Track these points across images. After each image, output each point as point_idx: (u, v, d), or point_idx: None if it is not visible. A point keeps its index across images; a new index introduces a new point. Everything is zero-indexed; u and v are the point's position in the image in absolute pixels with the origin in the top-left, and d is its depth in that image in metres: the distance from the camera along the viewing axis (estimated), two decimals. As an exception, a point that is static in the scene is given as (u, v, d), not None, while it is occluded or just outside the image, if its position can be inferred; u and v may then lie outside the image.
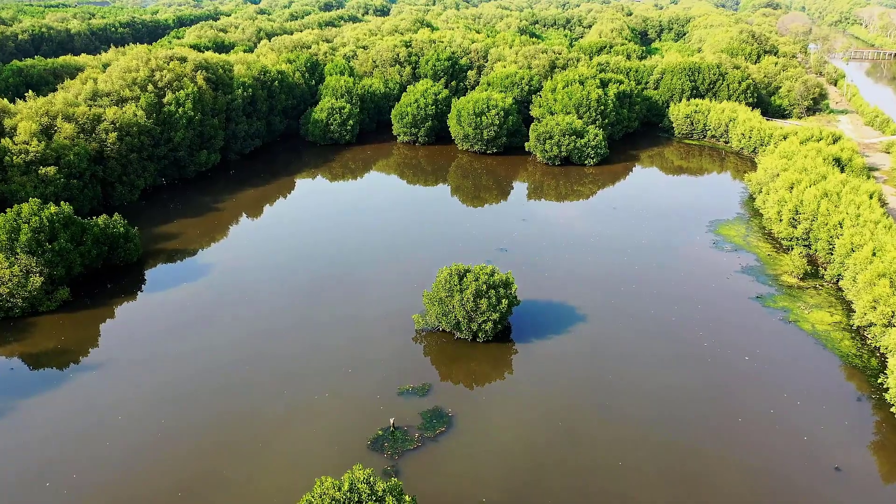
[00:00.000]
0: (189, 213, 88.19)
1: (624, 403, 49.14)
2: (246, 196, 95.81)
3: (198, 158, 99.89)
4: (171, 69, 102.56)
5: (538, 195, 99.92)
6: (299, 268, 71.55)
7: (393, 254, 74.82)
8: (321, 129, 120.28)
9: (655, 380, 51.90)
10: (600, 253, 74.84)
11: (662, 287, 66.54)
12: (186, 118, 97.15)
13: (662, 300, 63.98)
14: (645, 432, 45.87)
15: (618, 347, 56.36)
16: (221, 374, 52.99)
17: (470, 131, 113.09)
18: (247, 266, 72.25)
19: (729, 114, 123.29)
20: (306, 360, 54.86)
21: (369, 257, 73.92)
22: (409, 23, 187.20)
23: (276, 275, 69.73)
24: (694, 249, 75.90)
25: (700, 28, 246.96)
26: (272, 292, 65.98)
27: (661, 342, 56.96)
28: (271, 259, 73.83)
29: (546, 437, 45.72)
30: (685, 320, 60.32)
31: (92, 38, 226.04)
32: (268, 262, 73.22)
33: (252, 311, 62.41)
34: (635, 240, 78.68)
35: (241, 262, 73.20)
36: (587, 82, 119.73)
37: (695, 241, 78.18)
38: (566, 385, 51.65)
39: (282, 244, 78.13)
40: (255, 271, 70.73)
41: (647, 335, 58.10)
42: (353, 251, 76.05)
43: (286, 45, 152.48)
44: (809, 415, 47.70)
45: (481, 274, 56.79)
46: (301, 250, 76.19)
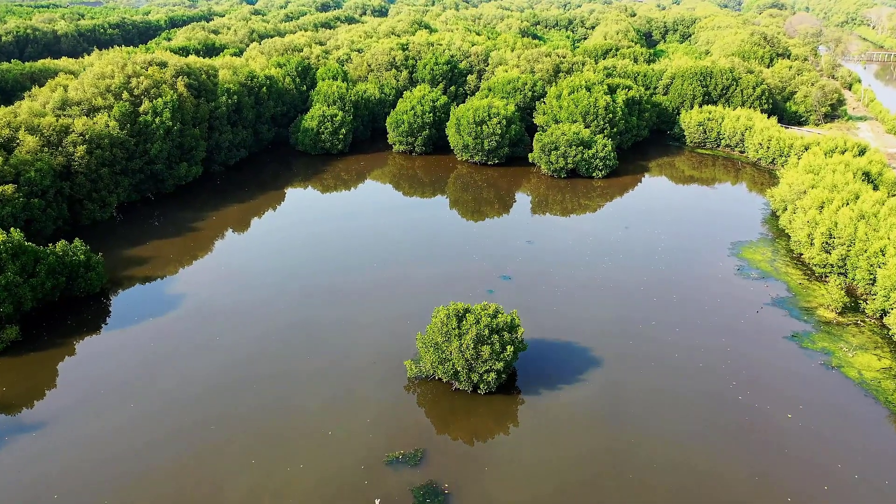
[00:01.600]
0: (165, 233, 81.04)
1: (649, 478, 41.98)
2: (228, 212, 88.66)
3: (177, 171, 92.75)
4: (149, 75, 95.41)
5: (543, 209, 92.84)
6: (280, 300, 64.34)
7: (385, 283, 67.64)
8: (312, 138, 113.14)
9: (686, 447, 44.75)
10: (614, 283, 67.70)
11: (685, 325, 59.41)
12: (164, 128, 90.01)
13: (686, 341, 56.86)
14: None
15: (640, 403, 49.15)
16: (176, 440, 45.78)
17: (470, 141, 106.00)
18: (222, 297, 65.08)
19: (744, 122, 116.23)
20: (280, 419, 47.63)
21: (358, 287, 66.76)
22: (407, 24, 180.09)
23: (254, 309, 62.53)
24: (717, 277, 68.78)
25: (706, 29, 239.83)
26: (247, 331, 58.78)
27: (690, 397, 49.80)
28: (250, 289, 66.62)
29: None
30: (715, 367, 53.18)
31: (79, 39, 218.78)
32: (246, 293, 66.03)
33: (222, 356, 55.23)
34: (652, 266, 71.56)
35: (216, 292, 66.03)
36: (594, 88, 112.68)
37: (717, 267, 71.08)
38: (581, 452, 44.50)
39: (262, 271, 70.90)
40: (230, 304, 63.54)
41: (673, 388, 50.93)
42: (341, 278, 68.89)
43: (277, 47, 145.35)
44: (871, 493, 40.59)
45: (483, 315, 49.71)
46: (283, 279, 68.95)
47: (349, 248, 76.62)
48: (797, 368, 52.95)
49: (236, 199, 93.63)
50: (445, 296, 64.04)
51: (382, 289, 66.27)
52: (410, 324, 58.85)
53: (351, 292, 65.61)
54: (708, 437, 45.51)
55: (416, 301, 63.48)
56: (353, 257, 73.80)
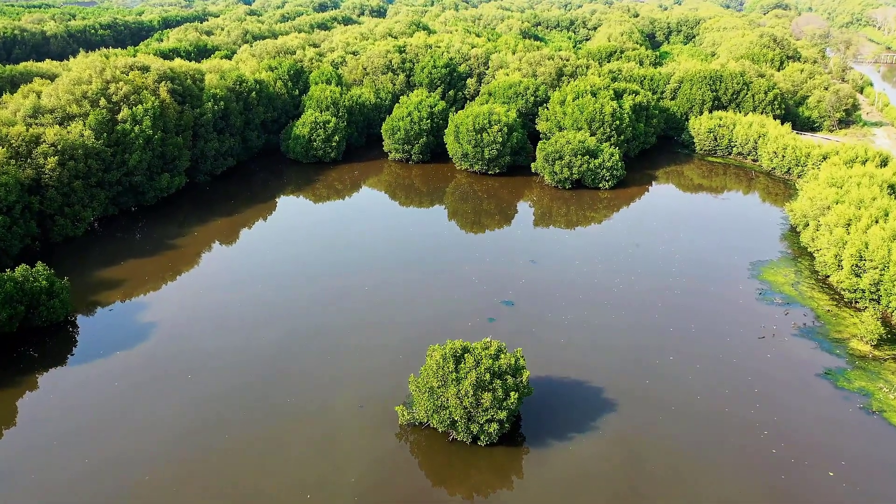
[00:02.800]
0: (143, 250, 75.54)
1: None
2: (212, 227, 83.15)
3: (158, 183, 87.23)
4: (129, 80, 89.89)
5: (546, 222, 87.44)
6: (261, 330, 58.78)
7: (376, 310, 62.10)
8: (303, 146, 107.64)
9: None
10: (626, 309, 62.19)
11: (707, 360, 53.93)
12: (144, 137, 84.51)
13: (709, 380, 51.37)
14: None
15: (659, 458, 43.55)
16: (139, 493, 40.37)
17: (469, 149, 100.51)
18: (199, 325, 59.55)
19: (757, 128, 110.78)
20: (253, 476, 42.12)
21: (346, 314, 61.23)
22: (404, 25, 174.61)
23: (230, 342, 56.92)
24: (738, 303, 63.29)
25: (712, 30, 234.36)
26: (222, 367, 53.21)
27: (716, 451, 44.24)
28: (229, 317, 61.03)
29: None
30: (742, 413, 47.67)
31: (69, 40, 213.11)
32: (225, 320, 60.47)
33: (193, 397, 49.69)
34: (666, 290, 66.09)
35: (192, 321, 60.49)
36: (600, 93, 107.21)
37: (738, 291, 65.61)
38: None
39: (244, 296, 65.28)
40: (206, 336, 57.98)
41: (697, 439, 45.40)
42: (328, 304, 63.37)
43: (268, 50, 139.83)
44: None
45: (483, 356, 44.25)
46: (266, 305, 63.33)
47: (338, 270, 71.09)
48: (834, 413, 47.50)
49: (222, 212, 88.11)
50: (443, 324, 58.70)
51: (373, 318, 60.76)
52: (403, 358, 53.43)
53: (339, 322, 60.04)
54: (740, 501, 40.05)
55: (410, 331, 58.01)
56: (341, 280, 68.23)
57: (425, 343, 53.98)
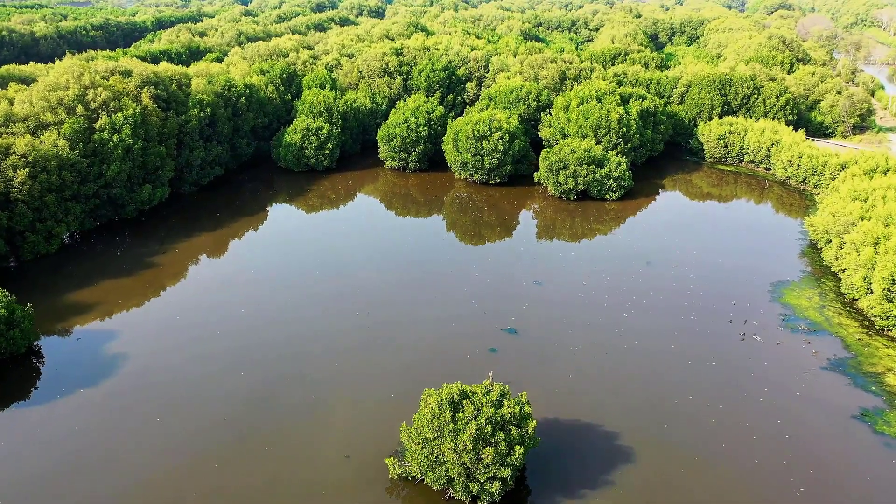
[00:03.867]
0: (119, 270, 70.56)
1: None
2: (195, 243, 78.20)
3: (139, 195, 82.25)
4: (109, 86, 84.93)
5: (550, 235, 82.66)
6: (240, 364, 53.66)
7: (366, 340, 57.13)
8: (294, 154, 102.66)
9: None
10: (639, 337, 57.22)
11: (730, 398, 48.98)
12: (123, 147, 79.54)
13: (733, 423, 46.42)
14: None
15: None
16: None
17: (469, 158, 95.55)
18: (173, 358, 54.52)
19: (770, 135, 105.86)
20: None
21: (334, 345, 56.24)
22: (402, 27, 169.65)
23: (207, 377, 51.95)
24: (760, 331, 58.29)
25: (717, 32, 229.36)
26: (194, 408, 48.18)
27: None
28: (206, 348, 55.94)
29: None
30: (774, 464, 42.70)
31: (60, 41, 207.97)
32: (201, 352, 55.44)
33: (161, 442, 44.73)
34: (682, 315, 61.15)
35: (166, 351, 55.49)
36: (605, 99, 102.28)
37: (759, 316, 60.66)
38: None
39: (223, 323, 60.16)
40: (181, 369, 52.98)
41: (726, 495, 40.46)
42: (314, 332, 58.41)
43: (260, 52, 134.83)
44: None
45: (485, 403, 39.33)
46: (247, 334, 58.07)
47: (327, 294, 66.11)
48: (875, 466, 42.57)
49: (206, 226, 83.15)
50: (440, 356, 53.80)
51: (363, 349, 55.77)
52: (396, 398, 48.51)
53: (325, 354, 55.00)
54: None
55: (403, 365, 53.05)
56: (329, 306, 63.17)
57: (420, 379, 49.19)
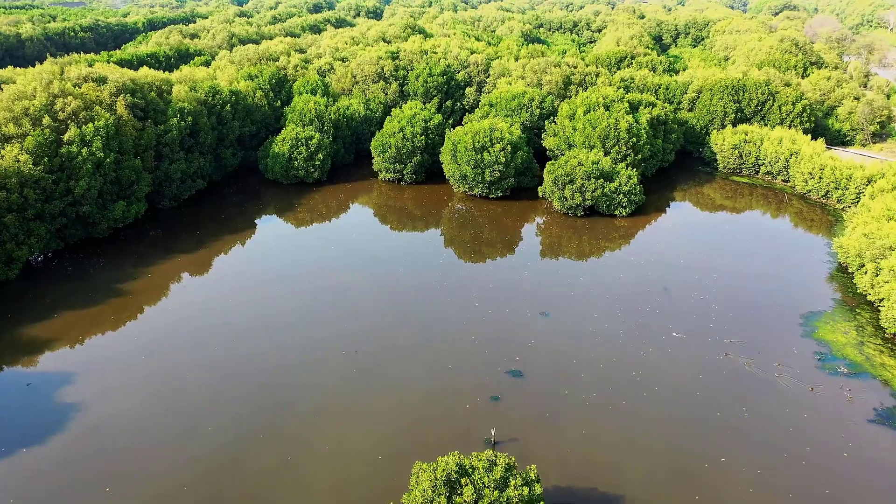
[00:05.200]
0: (85, 297, 64.23)
1: None
2: (170, 266, 71.92)
3: (111, 212, 75.96)
4: (80, 94, 78.66)
5: (556, 254, 76.67)
6: (207, 420, 47.18)
7: (351, 387, 50.77)
8: (282, 166, 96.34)
9: None
10: (660, 384, 50.91)
11: (769, 461, 42.69)
12: (93, 161, 73.28)
13: (776, 494, 40.15)
14: None
15: None
16: None
17: (468, 171, 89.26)
18: (131, 408, 48.14)
19: (788, 145, 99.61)
20: None
21: (314, 393, 49.86)
22: (399, 29, 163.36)
23: (169, 435, 45.57)
24: (795, 374, 52.05)
25: (723, 33, 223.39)
26: (151, 473, 41.89)
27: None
28: (171, 400, 49.53)
29: None
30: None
31: (47, 43, 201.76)
32: (165, 404, 49.09)
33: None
34: (707, 354, 54.88)
35: (124, 399, 49.12)
36: (614, 107, 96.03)
37: (792, 356, 54.40)
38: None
39: (193, 367, 53.79)
40: (138, 423, 46.58)
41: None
42: (295, 381, 52.03)
43: (249, 56, 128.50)
44: None
45: (487, 482, 33.05)
46: (217, 382, 51.46)
47: (310, 328, 59.73)
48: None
49: (185, 247, 76.86)
50: (435, 406, 47.56)
51: (347, 398, 49.47)
52: (383, 461, 42.25)
53: (303, 406, 48.64)
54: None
55: (393, 420, 46.74)
56: (314, 345, 56.77)
57: (411, 438, 42.98)
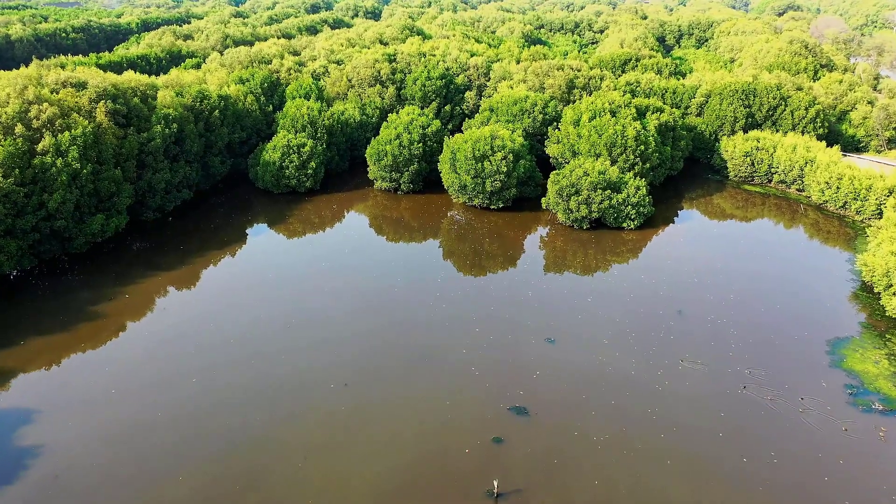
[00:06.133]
0: (54, 321, 59.68)
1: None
2: (149, 284, 67.43)
3: (89, 227, 71.45)
4: (57, 101, 74.23)
5: (560, 268, 72.58)
6: (176, 466, 42.59)
7: (338, 426, 46.28)
8: (273, 174, 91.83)
9: None
10: (679, 423, 46.41)
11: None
12: (69, 172, 68.83)
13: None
14: None
15: None
16: None
17: (468, 180, 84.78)
18: (93, 454, 43.67)
19: (803, 153, 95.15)
20: None
21: (297, 438, 45.34)
22: (397, 30, 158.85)
23: (133, 483, 41.18)
24: (825, 411, 47.60)
25: (728, 35, 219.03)
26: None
27: None
28: (138, 443, 44.99)
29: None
30: None
31: (37, 44, 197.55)
32: (131, 447, 44.59)
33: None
34: (729, 387, 50.40)
35: (88, 443, 44.63)
36: (620, 113, 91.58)
37: (820, 390, 49.94)
38: None
39: (165, 402, 49.19)
40: (102, 470, 42.12)
41: None
42: (278, 420, 47.53)
43: (241, 59, 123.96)
44: None
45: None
46: (190, 421, 46.91)
47: (297, 359, 55.24)
48: None
49: (166, 262, 72.37)
50: (431, 450, 43.05)
51: (334, 439, 45.00)
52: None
53: (284, 455, 44.22)
54: None
55: (384, 467, 42.25)
56: (299, 376, 52.33)
57: (404, 491, 38.47)
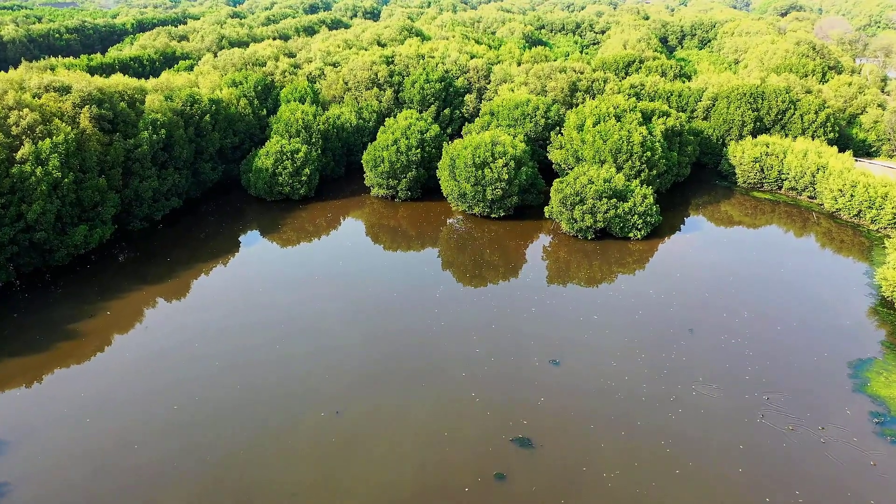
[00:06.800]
0: (30, 340, 56.40)
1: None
2: (133, 299, 64.21)
3: (71, 238, 68.24)
4: (38, 106, 71.07)
5: (563, 280, 69.61)
6: (158, 498, 39.73)
7: (327, 463, 43.10)
8: (266, 181, 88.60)
9: None
10: (694, 457, 43.19)
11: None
12: (49, 181, 65.61)
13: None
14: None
15: None
16: None
17: (468, 188, 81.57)
18: (67, 483, 40.48)
19: (814, 159, 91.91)
20: None
21: (283, 475, 42.17)
22: (395, 31, 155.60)
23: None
24: (850, 442, 44.37)
25: (732, 35, 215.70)
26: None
27: None
28: (116, 472, 41.87)
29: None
30: None
31: (30, 45, 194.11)
32: (108, 477, 41.36)
33: None
34: (746, 416, 47.14)
35: (60, 474, 41.44)
36: (626, 117, 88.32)
37: (844, 418, 46.71)
38: None
39: (145, 430, 46.02)
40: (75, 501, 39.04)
41: None
42: (263, 459, 44.38)
43: (234, 61, 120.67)
44: None
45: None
46: (175, 447, 43.88)
47: (287, 382, 52.06)
48: None
49: (152, 275, 69.14)
50: (427, 489, 39.77)
51: (321, 481, 41.80)
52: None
53: (270, 490, 41.10)
54: None
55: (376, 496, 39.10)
56: (288, 402, 49.21)
57: None
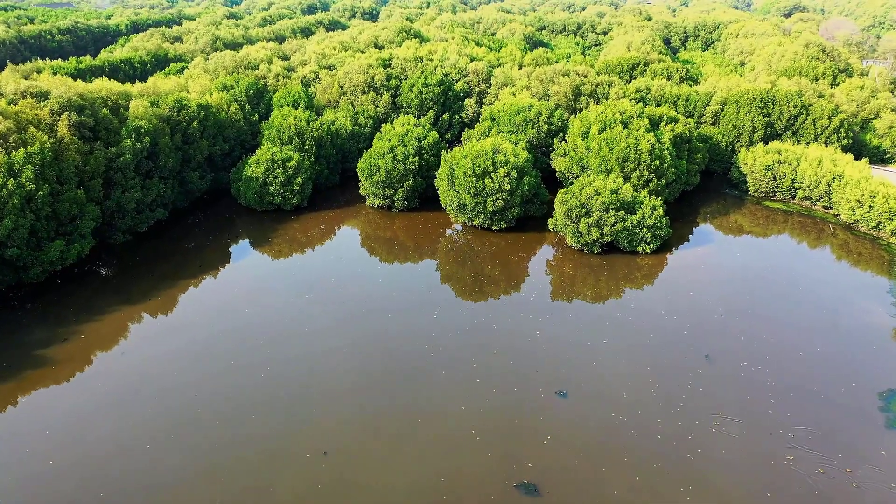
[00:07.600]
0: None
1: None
2: (111, 321, 60.22)
3: (47, 254, 64.23)
4: (13, 114, 67.12)
5: (569, 296, 65.72)
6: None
7: (315, 495, 39.26)
8: (256, 191, 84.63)
9: None
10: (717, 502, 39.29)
11: None
12: (21, 195, 61.64)
13: None
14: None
15: None
16: None
17: (468, 199, 77.61)
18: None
19: (829, 167, 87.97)
20: None
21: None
22: (393, 32, 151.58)
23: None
24: (887, 489, 40.42)
25: (737, 37, 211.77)
26: None
27: None
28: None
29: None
30: None
31: (20, 47, 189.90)
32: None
33: None
34: (771, 454, 43.18)
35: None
36: (633, 124, 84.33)
37: (877, 458, 42.73)
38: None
39: (113, 471, 42.14)
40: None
41: None
42: (244, 493, 40.49)
43: (225, 64, 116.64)
44: None
45: None
46: (144, 488, 40.30)
47: (270, 425, 48.13)
48: None
49: (133, 293, 65.14)
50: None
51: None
52: None
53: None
54: None
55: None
56: (268, 439, 45.23)
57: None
